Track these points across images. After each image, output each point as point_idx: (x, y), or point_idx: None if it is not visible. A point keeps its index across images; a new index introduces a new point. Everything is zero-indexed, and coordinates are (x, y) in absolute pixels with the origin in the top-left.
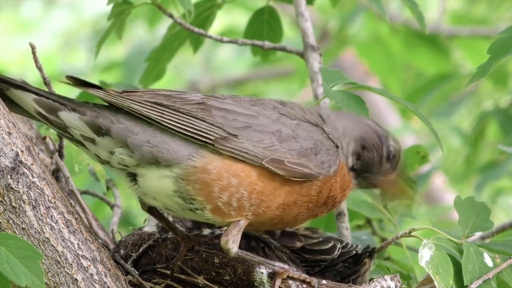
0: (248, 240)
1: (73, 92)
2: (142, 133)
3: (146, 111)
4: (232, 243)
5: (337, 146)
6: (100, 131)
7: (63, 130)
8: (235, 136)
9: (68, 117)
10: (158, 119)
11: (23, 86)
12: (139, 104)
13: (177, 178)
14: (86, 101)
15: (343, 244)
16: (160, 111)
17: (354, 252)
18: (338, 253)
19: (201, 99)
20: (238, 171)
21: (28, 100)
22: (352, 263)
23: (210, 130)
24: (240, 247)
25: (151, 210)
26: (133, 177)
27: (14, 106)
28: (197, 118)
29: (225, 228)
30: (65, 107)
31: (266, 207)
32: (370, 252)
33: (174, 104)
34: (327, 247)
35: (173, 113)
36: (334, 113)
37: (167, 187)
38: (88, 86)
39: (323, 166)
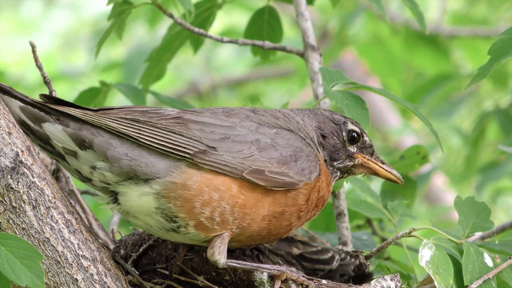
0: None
1: (73, 92)
2: (120, 145)
3: (124, 129)
4: (218, 254)
5: (314, 149)
6: (83, 144)
7: (45, 142)
8: (214, 148)
9: (51, 128)
10: (136, 136)
11: (10, 92)
12: (116, 122)
13: (158, 195)
14: (69, 113)
15: (342, 256)
16: (137, 127)
17: (353, 267)
18: (337, 264)
19: (177, 114)
20: (219, 185)
21: (13, 107)
22: (352, 279)
23: (188, 144)
24: (234, 256)
25: None
26: (114, 196)
27: None
28: (174, 133)
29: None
30: (50, 116)
31: (251, 220)
32: (368, 274)
33: (150, 119)
34: (326, 257)
35: (150, 129)
36: (291, 110)
37: (148, 205)
38: (64, 104)
39: (303, 173)
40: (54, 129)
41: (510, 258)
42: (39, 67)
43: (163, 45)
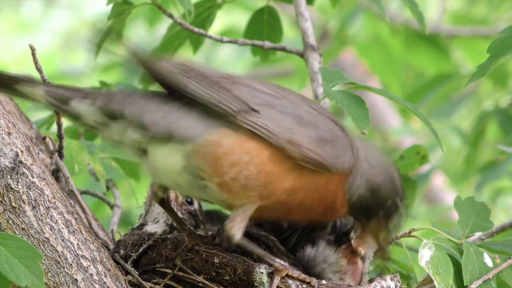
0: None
1: None
2: (157, 110)
3: (175, 76)
4: (236, 229)
5: (352, 148)
6: (113, 114)
7: (76, 119)
8: (257, 112)
9: (79, 105)
10: (184, 82)
11: (31, 80)
12: (170, 68)
13: (188, 154)
14: (96, 87)
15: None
16: (188, 75)
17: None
18: None
19: (229, 74)
20: (251, 148)
21: (38, 92)
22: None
23: (234, 101)
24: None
25: (163, 203)
26: (143, 152)
27: (25, 97)
28: (224, 88)
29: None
30: (76, 95)
31: (272, 190)
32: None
33: (204, 71)
34: None
35: (201, 79)
36: (363, 142)
37: (176, 163)
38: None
39: (338, 160)
40: (81, 106)
41: (510, 258)
42: (39, 70)
43: (163, 45)
